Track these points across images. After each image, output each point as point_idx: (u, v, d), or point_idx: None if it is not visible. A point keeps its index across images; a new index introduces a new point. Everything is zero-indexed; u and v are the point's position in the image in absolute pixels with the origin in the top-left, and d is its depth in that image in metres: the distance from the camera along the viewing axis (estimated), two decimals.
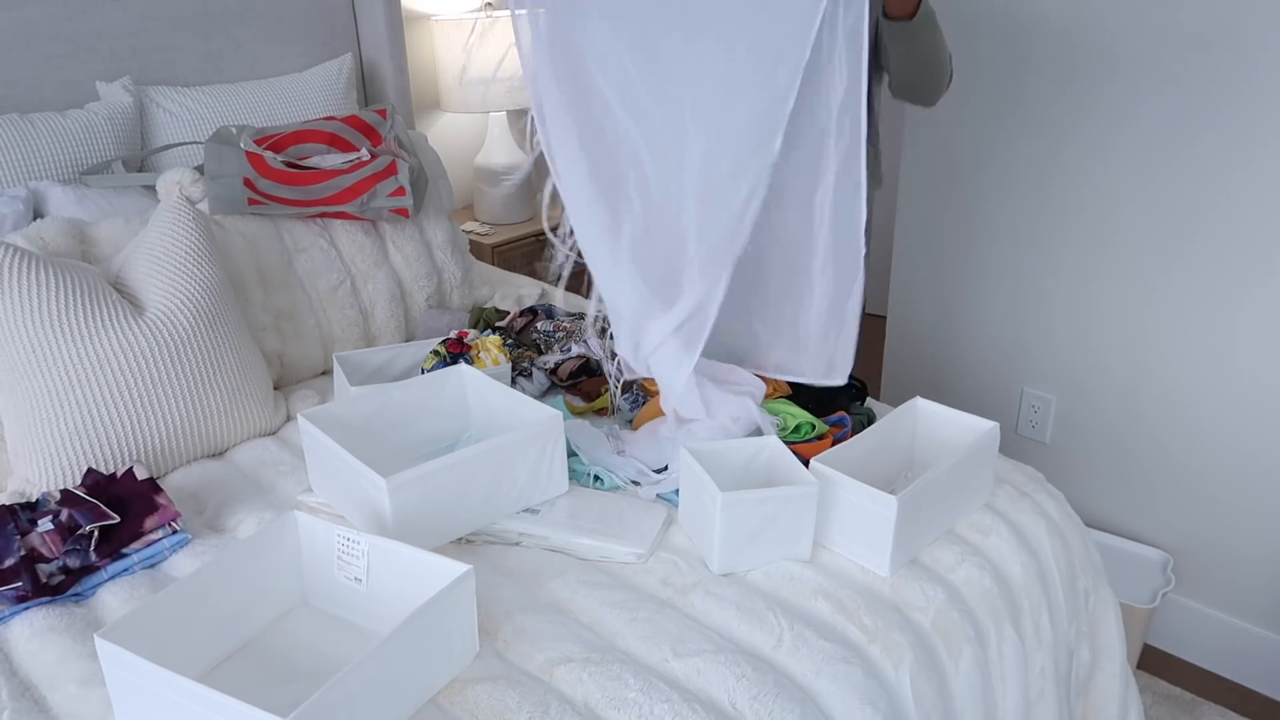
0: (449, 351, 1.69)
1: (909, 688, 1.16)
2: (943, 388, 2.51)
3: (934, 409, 1.48)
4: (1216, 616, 2.12)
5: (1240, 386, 1.97)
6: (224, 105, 2.12)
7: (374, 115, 1.99)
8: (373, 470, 1.24)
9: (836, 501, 1.29)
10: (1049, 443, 2.32)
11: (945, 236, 2.37)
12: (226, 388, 1.59)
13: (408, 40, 2.65)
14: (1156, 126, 1.94)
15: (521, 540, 1.35)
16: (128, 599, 1.25)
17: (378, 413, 1.46)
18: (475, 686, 1.07)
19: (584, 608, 1.21)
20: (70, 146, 1.89)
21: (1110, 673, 1.52)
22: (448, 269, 2.05)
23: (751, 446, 1.39)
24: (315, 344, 1.85)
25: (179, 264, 1.57)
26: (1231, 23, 1.79)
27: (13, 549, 1.27)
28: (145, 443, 1.50)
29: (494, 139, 2.76)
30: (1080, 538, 1.49)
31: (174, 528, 1.35)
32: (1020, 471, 1.55)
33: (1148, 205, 2.00)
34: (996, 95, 2.16)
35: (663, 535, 1.36)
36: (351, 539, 1.16)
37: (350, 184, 1.85)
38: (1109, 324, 2.13)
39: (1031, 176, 2.16)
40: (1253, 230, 1.87)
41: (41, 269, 1.44)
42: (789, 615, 1.20)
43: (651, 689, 1.07)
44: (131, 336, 1.48)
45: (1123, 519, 2.23)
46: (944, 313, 2.45)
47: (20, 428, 1.45)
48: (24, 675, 1.15)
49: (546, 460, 1.39)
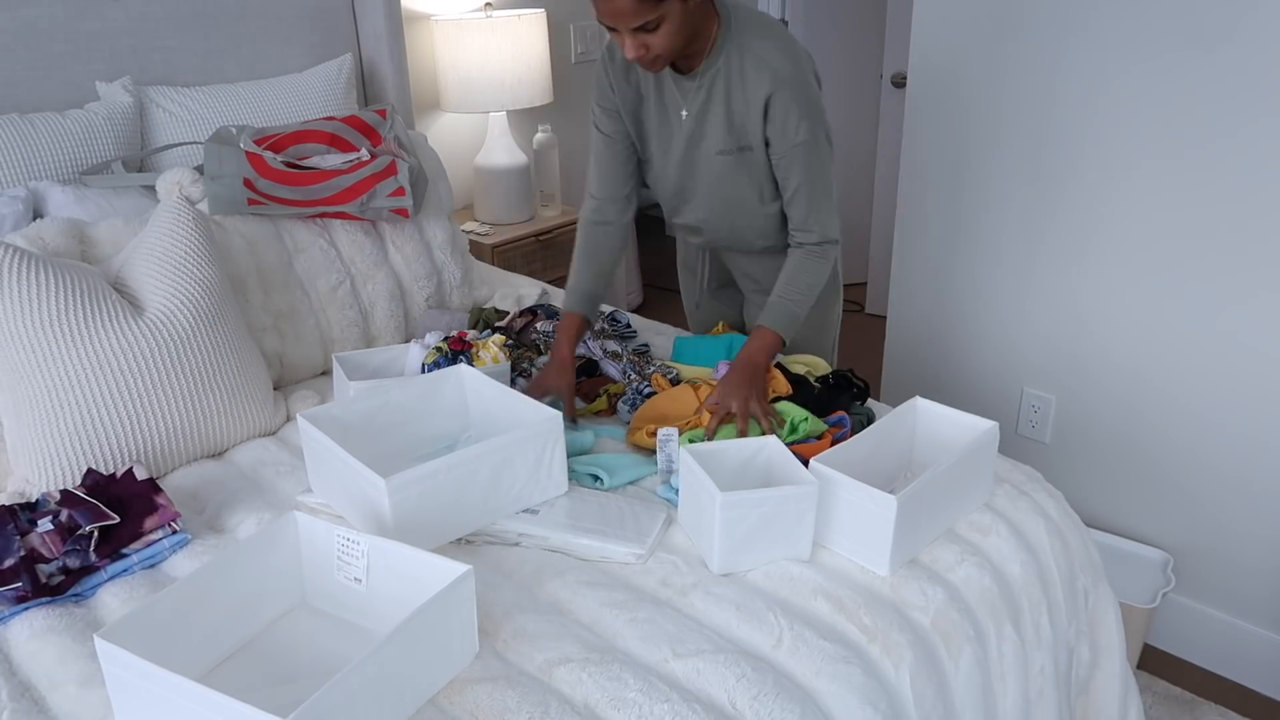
0: (450, 349, 1.69)
1: (909, 687, 1.16)
2: (943, 388, 2.51)
3: (934, 409, 1.48)
4: (1216, 616, 2.12)
5: (1240, 386, 1.97)
6: (224, 105, 2.12)
7: (374, 115, 1.99)
8: (372, 470, 1.24)
9: (836, 501, 1.29)
10: (1049, 443, 2.32)
11: (945, 236, 2.37)
12: (226, 388, 1.59)
13: (408, 40, 2.66)
14: (1158, 126, 1.94)
15: (521, 540, 1.35)
16: (128, 599, 1.26)
17: (377, 413, 1.46)
18: (475, 686, 1.07)
19: (584, 608, 1.21)
20: (70, 146, 1.89)
21: (1110, 672, 1.52)
22: (448, 269, 2.05)
23: (751, 446, 1.39)
24: (315, 344, 1.85)
25: (179, 264, 1.57)
26: (1233, 22, 1.79)
27: (13, 549, 1.27)
28: (145, 443, 1.50)
29: (494, 139, 2.76)
30: (1080, 537, 1.49)
31: (174, 528, 1.35)
32: (1020, 471, 1.55)
33: (1148, 206, 2.00)
34: (996, 96, 2.16)
35: (663, 535, 1.36)
36: (351, 539, 1.16)
37: (350, 184, 1.85)
38: (1109, 324, 2.13)
39: (1031, 177, 2.16)
40: (1253, 230, 1.87)
41: (41, 269, 1.44)
42: (789, 615, 1.20)
43: (651, 689, 1.07)
44: (131, 336, 1.48)
45: (1123, 519, 2.23)
46: (944, 313, 2.45)
47: (20, 428, 1.45)
48: (24, 675, 1.15)
49: (546, 460, 1.39)
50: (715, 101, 1.61)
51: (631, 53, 1.48)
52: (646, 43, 1.47)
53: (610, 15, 1.44)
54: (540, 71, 2.69)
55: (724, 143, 1.64)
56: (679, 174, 1.74)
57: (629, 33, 1.46)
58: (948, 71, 2.24)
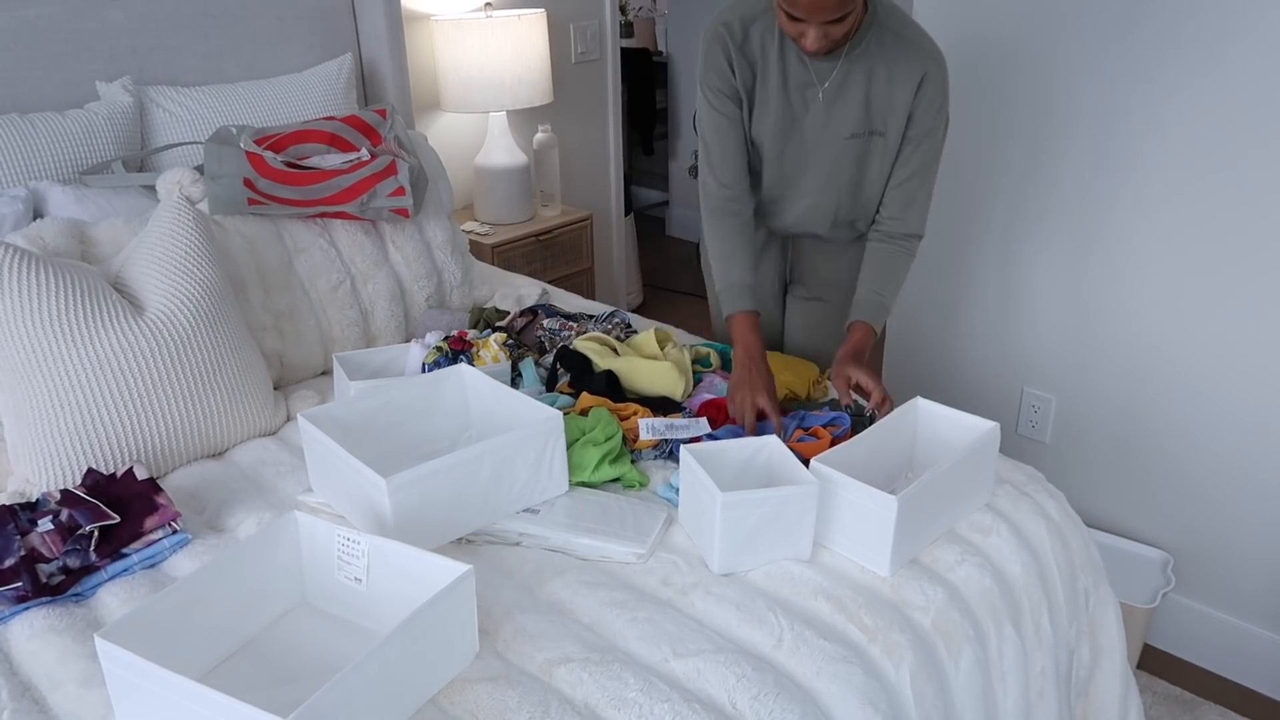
0: (451, 348, 1.69)
1: (909, 688, 1.16)
2: (943, 388, 2.51)
3: (934, 409, 1.48)
4: (1216, 616, 2.12)
5: (1240, 386, 1.97)
6: (224, 105, 2.12)
7: (374, 115, 1.99)
8: (373, 470, 1.24)
9: (837, 501, 1.29)
10: (1049, 443, 2.32)
11: (945, 237, 2.37)
12: (226, 388, 1.59)
13: (408, 40, 2.65)
14: (1158, 126, 1.94)
15: (521, 540, 1.35)
16: (128, 599, 1.25)
17: (378, 413, 1.46)
18: (475, 686, 1.07)
19: (584, 608, 1.21)
20: (70, 146, 1.88)
21: (1110, 673, 1.52)
22: (448, 269, 2.05)
23: (751, 446, 1.39)
24: (315, 344, 1.85)
25: (179, 264, 1.57)
26: (1232, 30, 1.79)
27: (13, 549, 1.27)
28: (145, 443, 1.50)
29: (494, 139, 2.76)
30: (1080, 537, 1.49)
31: (174, 528, 1.35)
32: (1020, 471, 1.55)
33: (1147, 206, 2.00)
34: (996, 95, 2.16)
35: (663, 535, 1.36)
36: (351, 539, 1.16)
37: (350, 184, 1.85)
38: (1109, 324, 2.13)
39: (1031, 177, 2.16)
40: (1252, 230, 1.87)
41: (41, 269, 1.44)
42: (789, 615, 1.20)
43: (651, 689, 1.07)
44: (131, 336, 1.48)
45: (1123, 519, 2.23)
46: (944, 313, 2.45)
47: (20, 428, 1.45)
48: (24, 675, 1.14)
49: (546, 460, 1.39)
50: (854, 83, 1.61)
51: (815, 44, 1.48)
52: (830, 33, 1.48)
53: (808, 10, 1.43)
54: (540, 71, 2.69)
55: (857, 125, 1.64)
56: (797, 157, 1.71)
57: (818, 25, 1.46)
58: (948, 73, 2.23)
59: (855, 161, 1.68)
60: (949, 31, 2.20)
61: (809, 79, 1.63)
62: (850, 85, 1.61)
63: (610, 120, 3.30)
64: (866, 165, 1.69)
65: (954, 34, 2.19)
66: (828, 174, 1.71)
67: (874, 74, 1.59)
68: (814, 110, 1.65)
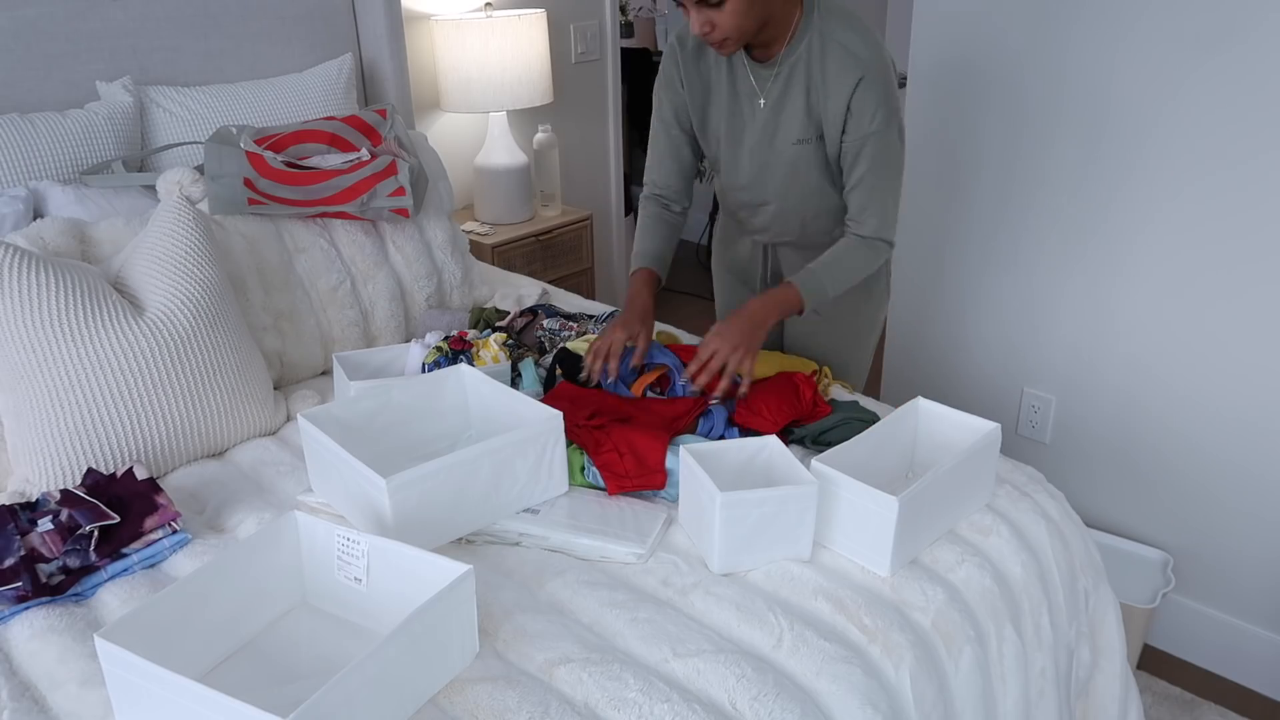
0: (451, 348, 1.69)
1: (909, 688, 1.16)
2: (943, 388, 2.51)
3: (935, 409, 1.48)
4: (1216, 616, 2.12)
5: (1240, 386, 1.97)
6: (224, 105, 2.12)
7: (374, 115, 1.98)
8: (373, 470, 1.24)
9: (837, 501, 1.29)
10: (1049, 443, 2.32)
11: (945, 237, 2.37)
12: (226, 388, 1.59)
13: (408, 40, 2.65)
14: (1158, 125, 1.94)
15: (521, 540, 1.35)
16: (128, 599, 1.25)
17: (378, 413, 1.46)
18: (475, 686, 1.07)
19: (584, 608, 1.21)
20: (70, 146, 1.88)
21: (1110, 673, 1.52)
22: (448, 269, 2.05)
23: (751, 446, 1.39)
24: (315, 344, 1.85)
25: (179, 264, 1.57)
26: (1226, 30, 1.79)
27: (13, 549, 1.27)
28: (145, 443, 1.50)
29: (494, 139, 2.76)
30: (1080, 538, 1.49)
31: (174, 528, 1.35)
32: (1020, 471, 1.55)
33: (1148, 207, 2.00)
34: (996, 96, 2.16)
35: (663, 535, 1.36)
36: (351, 539, 1.16)
37: (350, 184, 1.85)
38: (1109, 324, 2.13)
39: (1031, 177, 2.16)
40: (1252, 230, 1.87)
41: (41, 269, 1.44)
42: (789, 615, 1.20)
43: (651, 689, 1.07)
44: (131, 336, 1.48)
45: (1123, 519, 2.23)
46: (944, 313, 2.45)
47: (20, 428, 1.45)
48: (24, 675, 1.14)
49: (546, 460, 1.39)
50: (794, 89, 1.61)
51: (696, 27, 1.48)
52: (711, 19, 1.47)
53: None
54: (540, 71, 2.69)
55: (802, 131, 1.64)
56: (753, 166, 1.72)
57: (694, 6, 1.46)
58: (947, 72, 2.24)
59: (807, 167, 1.69)
60: (949, 32, 2.20)
61: (752, 88, 1.65)
62: (791, 92, 1.62)
63: (610, 120, 3.30)
64: (817, 170, 1.69)
65: (954, 34, 2.19)
66: (783, 180, 1.72)
67: (811, 80, 1.60)
68: (760, 117, 1.67)
